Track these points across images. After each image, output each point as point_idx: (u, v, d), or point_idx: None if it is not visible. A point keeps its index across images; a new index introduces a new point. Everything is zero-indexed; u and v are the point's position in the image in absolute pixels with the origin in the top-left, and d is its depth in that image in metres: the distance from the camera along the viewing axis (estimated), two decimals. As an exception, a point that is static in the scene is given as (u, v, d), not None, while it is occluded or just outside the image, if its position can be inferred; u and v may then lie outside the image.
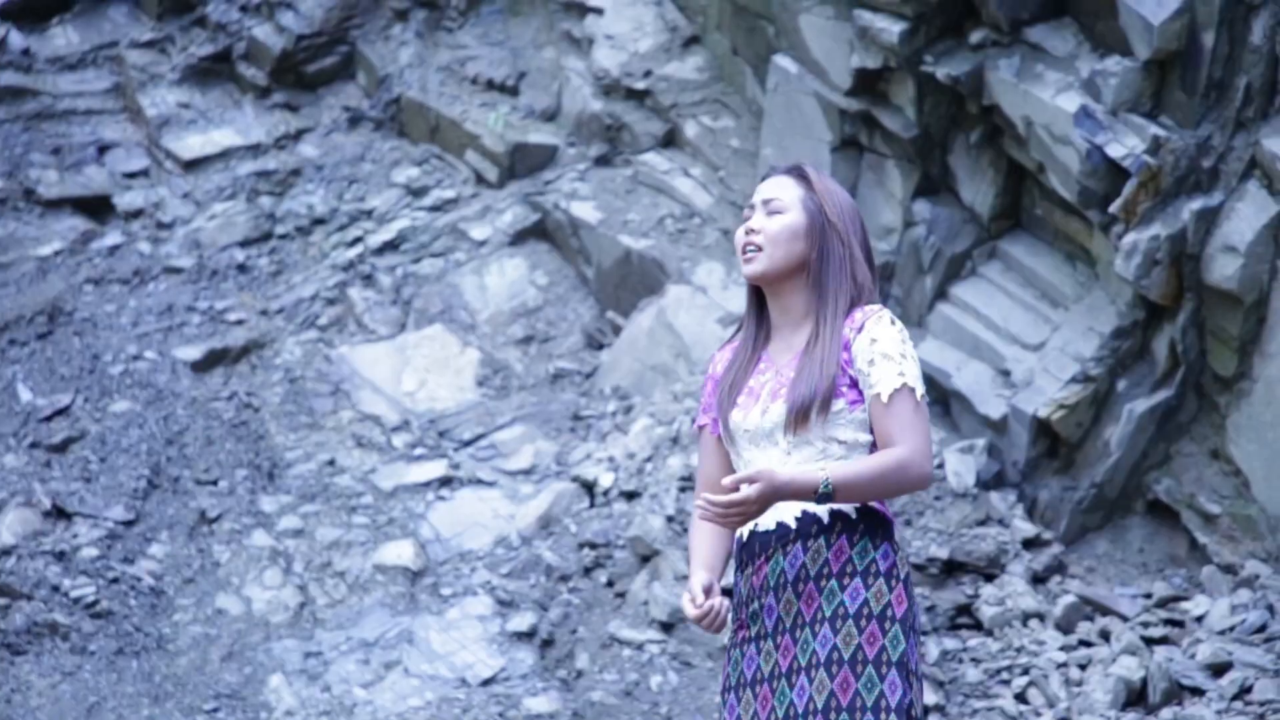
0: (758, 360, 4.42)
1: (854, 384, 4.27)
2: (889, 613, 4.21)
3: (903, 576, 4.25)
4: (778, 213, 4.39)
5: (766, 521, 4.30)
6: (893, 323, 4.29)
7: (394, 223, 11.45)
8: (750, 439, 4.35)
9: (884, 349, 4.25)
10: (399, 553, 9.20)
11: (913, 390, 4.23)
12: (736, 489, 4.11)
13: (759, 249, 4.36)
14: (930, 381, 9.65)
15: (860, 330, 4.28)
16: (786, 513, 4.28)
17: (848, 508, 4.25)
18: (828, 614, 4.21)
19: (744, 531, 4.35)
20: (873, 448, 4.28)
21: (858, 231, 4.41)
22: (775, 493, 4.13)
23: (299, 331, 10.92)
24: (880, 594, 4.21)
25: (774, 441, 4.31)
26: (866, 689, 4.15)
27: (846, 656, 4.17)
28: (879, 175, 9.95)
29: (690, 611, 4.28)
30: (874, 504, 4.27)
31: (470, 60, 11.96)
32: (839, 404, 4.26)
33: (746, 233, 4.39)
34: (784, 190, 4.42)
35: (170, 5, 12.54)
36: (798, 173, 4.45)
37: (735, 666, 4.33)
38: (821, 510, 4.25)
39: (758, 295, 4.46)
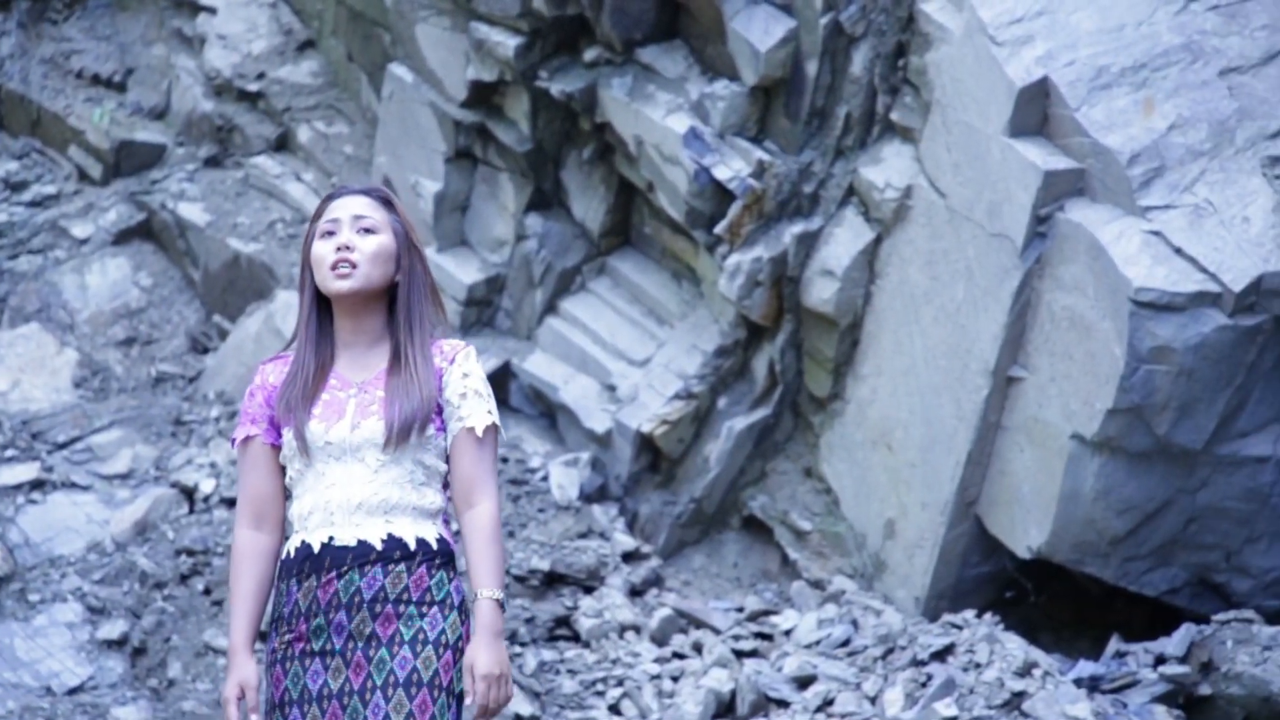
0: (326, 376, 4.41)
1: (439, 412, 4.35)
2: (460, 646, 4.26)
3: (471, 613, 4.31)
4: (371, 232, 4.39)
5: (345, 536, 4.28)
6: (479, 360, 4.43)
7: (-10, 217, 11.10)
8: (331, 453, 4.32)
9: (475, 385, 4.36)
10: (-15, 557, 8.91)
11: (499, 430, 4.39)
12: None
13: (354, 266, 4.36)
14: (537, 394, 9.72)
15: (453, 362, 4.37)
16: (371, 532, 4.28)
17: (431, 538, 4.30)
18: (407, 638, 4.23)
19: (314, 542, 4.31)
20: (448, 475, 4.38)
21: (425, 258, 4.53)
22: (500, 655, 4.22)
23: (-115, 326, 10.50)
24: (455, 626, 4.26)
25: (360, 458, 4.31)
26: (441, 714, 4.20)
27: (426, 679, 4.20)
28: (492, 187, 9.99)
29: (233, 715, 4.33)
30: (446, 536, 4.34)
31: (75, 54, 11.64)
32: (430, 429, 4.32)
33: (339, 249, 4.37)
34: (373, 211, 4.42)
35: None
36: (379, 195, 4.48)
37: (295, 681, 4.28)
38: (409, 537, 4.28)
39: (319, 310, 4.46)
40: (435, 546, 4.29)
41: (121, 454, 9.70)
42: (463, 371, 4.36)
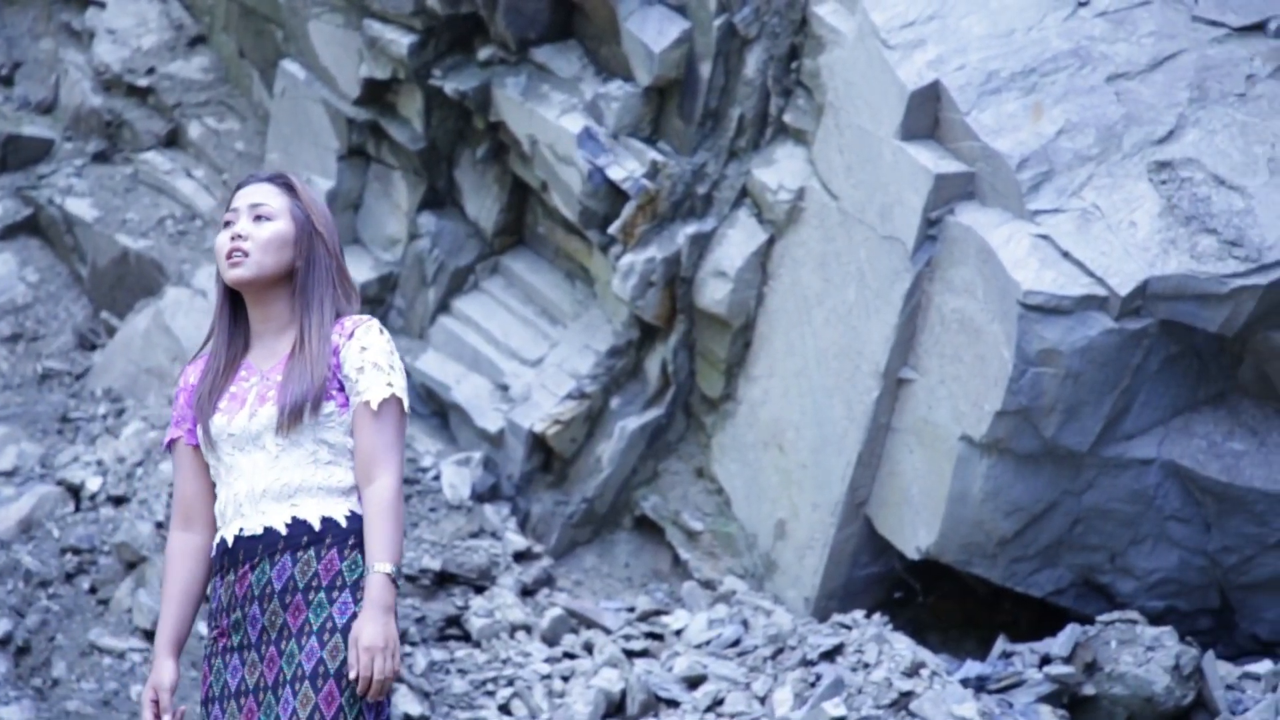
0: (238, 368, 4.39)
1: (342, 388, 4.31)
2: None
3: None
4: (266, 219, 4.38)
5: (253, 526, 4.26)
6: (381, 332, 4.35)
7: (-126, 212, 10.94)
8: (235, 444, 4.31)
9: (373, 358, 4.30)
10: None
11: (401, 401, 4.31)
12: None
13: (246, 254, 4.34)
14: (430, 394, 9.70)
15: (351, 337, 4.33)
16: (276, 518, 4.26)
17: (339, 516, 4.26)
18: (315, 627, 4.18)
19: (228, 536, 4.30)
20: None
21: (338, 244, 4.47)
22: (386, 628, 4.12)
23: None
24: None
25: (261, 445, 4.30)
26: (349, 704, 4.15)
27: (332, 670, 4.15)
28: (385, 186, 9.96)
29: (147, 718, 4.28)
30: (360, 513, 4.28)
31: (-39, 46, 11.53)
32: (329, 406, 4.28)
33: (233, 238, 4.36)
34: (271, 198, 4.41)
35: None
36: (282, 181, 4.46)
37: (218, 677, 4.28)
38: (313, 518, 4.25)
39: (231, 303, 4.44)
40: (345, 525, 4.24)
41: (6, 451, 9.59)
42: (360, 345, 4.31)
